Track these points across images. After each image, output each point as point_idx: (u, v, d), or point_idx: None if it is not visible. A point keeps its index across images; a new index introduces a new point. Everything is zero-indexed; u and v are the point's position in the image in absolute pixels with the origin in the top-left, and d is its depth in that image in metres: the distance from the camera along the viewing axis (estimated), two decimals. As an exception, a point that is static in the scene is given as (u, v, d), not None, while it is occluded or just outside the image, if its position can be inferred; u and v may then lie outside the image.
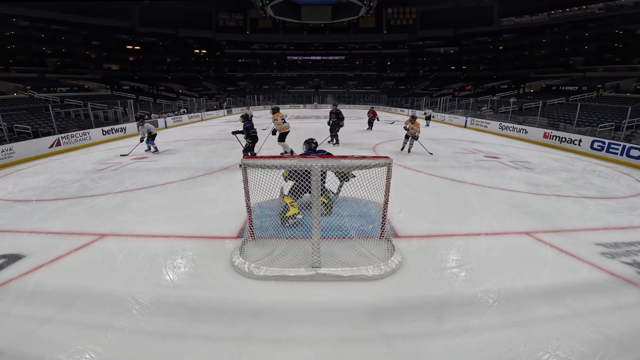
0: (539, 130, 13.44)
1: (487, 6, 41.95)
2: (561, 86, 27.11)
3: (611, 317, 2.70)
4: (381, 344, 2.41)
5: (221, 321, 2.64)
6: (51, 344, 2.40)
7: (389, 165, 3.44)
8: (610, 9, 31.58)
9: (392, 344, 2.41)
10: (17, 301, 2.91)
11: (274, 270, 3.22)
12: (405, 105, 32.23)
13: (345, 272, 3.19)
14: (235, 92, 43.21)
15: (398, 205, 5.13)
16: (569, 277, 3.28)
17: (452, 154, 9.98)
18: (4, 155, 9.02)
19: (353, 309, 2.80)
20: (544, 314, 2.72)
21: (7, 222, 4.74)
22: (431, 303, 2.87)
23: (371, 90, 46.74)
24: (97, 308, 2.81)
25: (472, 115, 20.52)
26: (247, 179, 3.57)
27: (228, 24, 49.43)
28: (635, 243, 4.02)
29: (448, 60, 46.99)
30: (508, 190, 6.17)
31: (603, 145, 10.05)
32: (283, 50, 52.27)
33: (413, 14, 48.70)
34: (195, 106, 27.43)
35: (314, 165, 3.11)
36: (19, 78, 25.38)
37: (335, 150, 9.61)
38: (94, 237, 4.15)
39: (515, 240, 4.08)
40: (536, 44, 37.78)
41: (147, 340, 2.45)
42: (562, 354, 2.29)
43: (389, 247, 3.63)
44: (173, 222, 4.62)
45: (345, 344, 2.42)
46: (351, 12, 28.76)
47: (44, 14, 33.59)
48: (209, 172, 7.54)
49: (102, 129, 13.73)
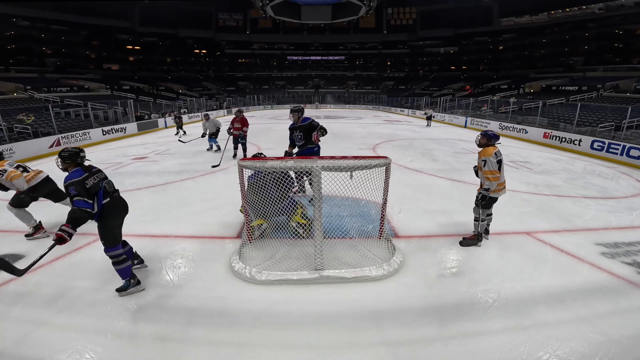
0: (539, 130, 13.45)
1: (487, 6, 41.99)
2: (561, 86, 27.12)
3: (611, 317, 2.69)
4: (383, 347, 2.41)
5: (221, 324, 2.63)
6: (50, 345, 2.39)
7: (388, 165, 3.43)
8: (610, 9, 31.60)
9: (393, 345, 2.41)
10: (16, 301, 2.91)
11: (277, 274, 3.18)
12: (405, 105, 32.22)
13: (349, 274, 3.18)
14: (235, 92, 43.23)
15: (398, 205, 5.13)
16: (569, 277, 3.28)
17: (452, 154, 9.97)
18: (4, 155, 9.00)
19: (354, 311, 2.79)
20: (544, 314, 2.72)
21: (7, 222, 4.73)
22: (431, 303, 2.87)
23: (371, 90, 46.76)
24: (97, 309, 2.80)
25: (472, 115, 20.53)
26: (244, 183, 3.56)
27: (228, 24, 49.45)
28: (635, 243, 4.02)
29: (448, 60, 47.01)
30: (508, 190, 6.15)
31: (603, 145, 10.05)
32: (283, 50, 52.28)
33: (413, 14, 48.74)
34: (195, 106, 27.43)
35: (314, 166, 3.10)
36: (19, 78, 25.40)
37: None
38: (94, 237, 4.14)
39: (515, 240, 4.08)
40: (536, 44, 37.80)
41: (147, 341, 2.44)
42: (562, 354, 2.28)
43: (389, 247, 3.62)
44: (173, 222, 4.61)
45: (347, 348, 2.41)
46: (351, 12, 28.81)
47: (44, 14, 33.61)
48: (209, 172, 7.53)
49: (102, 129, 13.73)
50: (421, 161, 8.84)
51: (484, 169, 3.61)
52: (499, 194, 3.77)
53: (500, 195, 3.79)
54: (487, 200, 3.69)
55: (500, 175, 3.60)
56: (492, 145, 3.68)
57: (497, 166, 3.56)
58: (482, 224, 3.83)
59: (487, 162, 3.57)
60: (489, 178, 3.56)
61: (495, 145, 3.70)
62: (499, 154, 3.64)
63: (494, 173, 3.53)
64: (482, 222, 3.81)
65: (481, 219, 3.78)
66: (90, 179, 2.71)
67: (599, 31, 31.96)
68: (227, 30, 49.45)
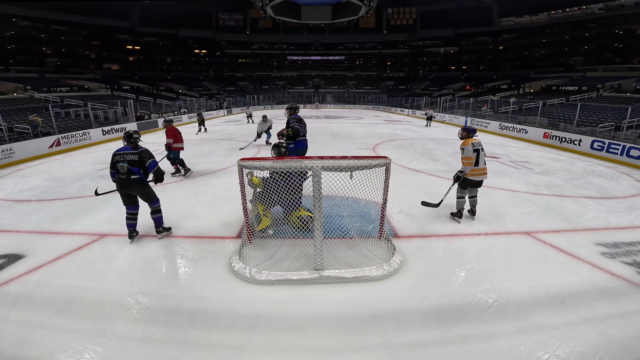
0: (539, 130, 13.44)
1: (487, 6, 41.99)
2: (561, 86, 27.11)
3: (611, 317, 2.69)
4: (383, 347, 2.41)
5: (221, 325, 2.63)
6: (50, 345, 2.39)
7: (388, 165, 3.43)
8: (610, 9, 31.60)
9: (393, 346, 2.41)
10: (16, 302, 2.91)
11: (277, 274, 3.18)
12: (405, 105, 32.22)
13: (349, 274, 3.18)
14: (235, 92, 43.21)
15: (398, 206, 5.13)
16: (569, 277, 3.28)
17: (452, 154, 9.97)
18: (4, 155, 9.02)
19: (354, 311, 2.79)
20: (544, 314, 2.72)
21: (7, 222, 4.74)
22: (431, 303, 2.87)
23: (371, 90, 46.75)
24: (96, 309, 2.80)
25: (472, 116, 20.52)
26: (243, 183, 3.55)
27: (228, 24, 49.45)
28: (635, 243, 4.02)
29: (448, 60, 47.00)
30: (508, 190, 6.16)
31: (603, 145, 10.05)
32: (283, 50, 52.28)
33: (413, 14, 48.74)
34: (195, 106, 27.42)
35: (314, 166, 3.10)
36: (19, 78, 25.38)
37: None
38: (94, 237, 4.15)
39: (515, 240, 4.08)
40: (536, 44, 37.79)
41: (147, 342, 2.44)
42: (562, 354, 2.28)
43: (389, 247, 3.62)
44: (173, 222, 4.61)
45: (348, 349, 2.40)
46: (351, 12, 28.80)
47: (44, 14, 33.62)
48: (209, 172, 7.53)
49: (102, 129, 13.74)
50: (421, 161, 8.84)
51: (462, 156, 4.38)
52: (479, 177, 4.44)
53: (481, 179, 4.46)
54: (463, 180, 4.43)
55: (476, 161, 4.31)
56: (470, 137, 4.46)
57: (474, 154, 4.31)
58: (461, 201, 4.59)
59: (464, 150, 4.36)
60: (464, 163, 4.35)
61: (473, 138, 4.46)
62: (477, 145, 4.35)
63: (469, 159, 4.30)
64: (460, 200, 4.59)
65: (457, 196, 4.59)
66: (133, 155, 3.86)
67: (599, 31, 31.96)
68: (227, 30, 49.44)
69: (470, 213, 4.74)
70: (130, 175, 3.77)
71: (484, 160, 4.42)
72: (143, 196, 3.94)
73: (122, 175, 3.80)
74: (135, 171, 3.78)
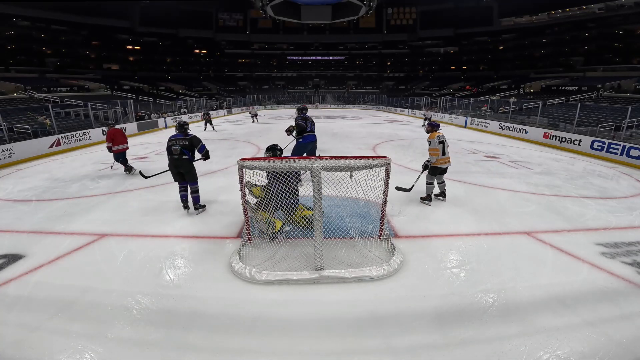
0: (539, 130, 13.44)
1: (487, 6, 42.03)
2: (561, 86, 27.13)
3: (611, 317, 2.69)
4: (383, 347, 2.41)
5: (221, 325, 2.63)
6: (50, 345, 2.39)
7: (388, 166, 3.43)
8: (610, 9, 31.62)
9: (393, 346, 2.41)
10: (16, 302, 2.91)
11: (277, 274, 3.18)
12: (405, 105, 32.23)
13: (349, 274, 3.18)
14: (235, 92, 43.23)
15: (398, 206, 5.13)
16: (569, 277, 3.27)
17: (452, 154, 9.89)
18: (4, 155, 9.02)
19: (354, 311, 2.79)
20: (544, 314, 2.72)
21: (7, 222, 4.74)
22: (431, 303, 2.87)
23: (371, 90, 46.76)
24: (96, 309, 2.80)
25: (472, 115, 20.52)
26: (243, 183, 3.55)
27: (228, 24, 49.48)
28: (635, 243, 4.02)
29: (448, 60, 47.01)
30: (508, 190, 6.16)
31: (603, 145, 10.05)
32: (283, 50, 52.29)
33: (413, 14, 48.77)
34: (195, 106, 27.43)
35: (314, 166, 3.10)
36: (19, 78, 25.40)
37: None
38: (94, 237, 4.14)
39: (515, 240, 4.07)
40: (536, 44, 37.81)
41: (147, 342, 2.44)
42: (562, 354, 2.28)
43: (389, 247, 3.62)
44: (173, 222, 4.62)
45: (348, 349, 2.40)
46: (351, 12, 28.78)
47: (44, 14, 33.65)
48: (209, 172, 7.53)
49: (102, 129, 13.73)
50: (421, 161, 8.77)
51: (430, 147, 5.11)
52: (445, 165, 5.22)
53: (446, 166, 5.24)
54: (432, 168, 5.18)
55: (442, 151, 5.08)
56: (435, 132, 5.19)
57: (439, 146, 5.05)
58: (430, 186, 5.31)
59: (431, 143, 5.10)
60: (431, 153, 5.08)
61: (438, 132, 5.19)
62: (442, 137, 5.13)
63: (435, 150, 5.05)
64: (430, 186, 5.31)
65: (427, 182, 5.33)
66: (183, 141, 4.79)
67: (599, 31, 31.97)
68: (227, 30, 49.47)
69: (442, 195, 5.48)
70: (182, 155, 4.70)
71: (448, 151, 5.20)
72: (189, 176, 4.82)
73: (175, 156, 4.70)
74: (186, 153, 4.73)
